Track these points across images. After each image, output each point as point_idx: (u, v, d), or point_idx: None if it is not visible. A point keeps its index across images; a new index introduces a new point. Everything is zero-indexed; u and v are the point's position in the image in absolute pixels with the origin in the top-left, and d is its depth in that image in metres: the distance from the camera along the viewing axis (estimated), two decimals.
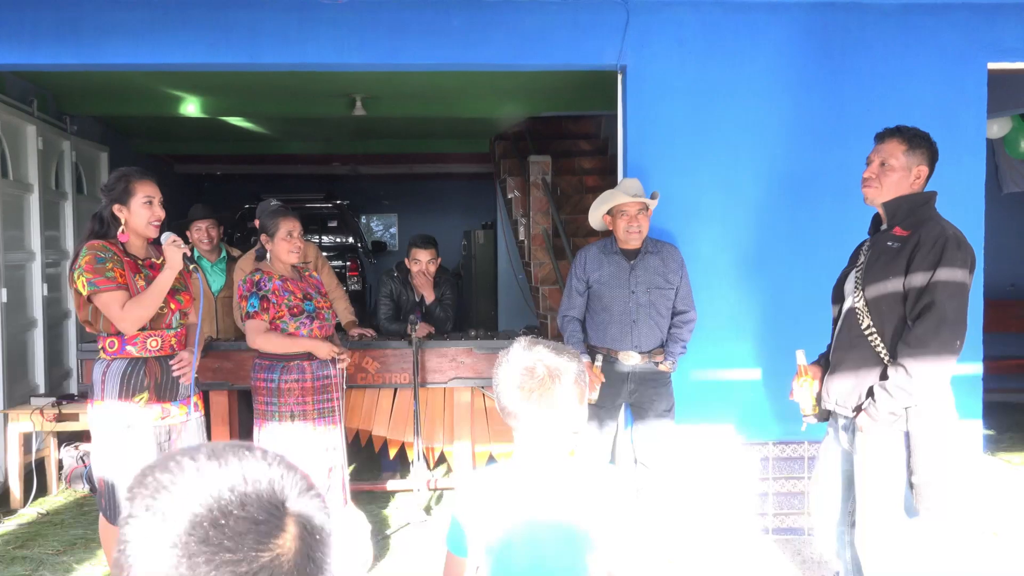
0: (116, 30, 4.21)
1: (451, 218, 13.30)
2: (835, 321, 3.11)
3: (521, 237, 7.96)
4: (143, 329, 3.33)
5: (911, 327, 2.75)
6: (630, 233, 3.91)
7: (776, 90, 4.37)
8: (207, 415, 4.86)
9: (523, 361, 1.77)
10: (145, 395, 3.33)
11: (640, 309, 3.91)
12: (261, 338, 3.85)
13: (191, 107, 7.16)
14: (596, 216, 4.04)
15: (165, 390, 3.39)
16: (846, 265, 3.13)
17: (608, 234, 4.09)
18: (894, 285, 2.81)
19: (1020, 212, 7.70)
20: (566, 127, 8.95)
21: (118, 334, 3.33)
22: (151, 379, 3.34)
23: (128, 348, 3.34)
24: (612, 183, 4.66)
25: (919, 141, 2.97)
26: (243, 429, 4.80)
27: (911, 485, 2.75)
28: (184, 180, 11.85)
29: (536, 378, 1.74)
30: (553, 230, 7.11)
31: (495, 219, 10.47)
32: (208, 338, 4.88)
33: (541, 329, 6.70)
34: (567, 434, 1.81)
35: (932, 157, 2.97)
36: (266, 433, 3.88)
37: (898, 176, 2.95)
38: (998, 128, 6.31)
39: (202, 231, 5.28)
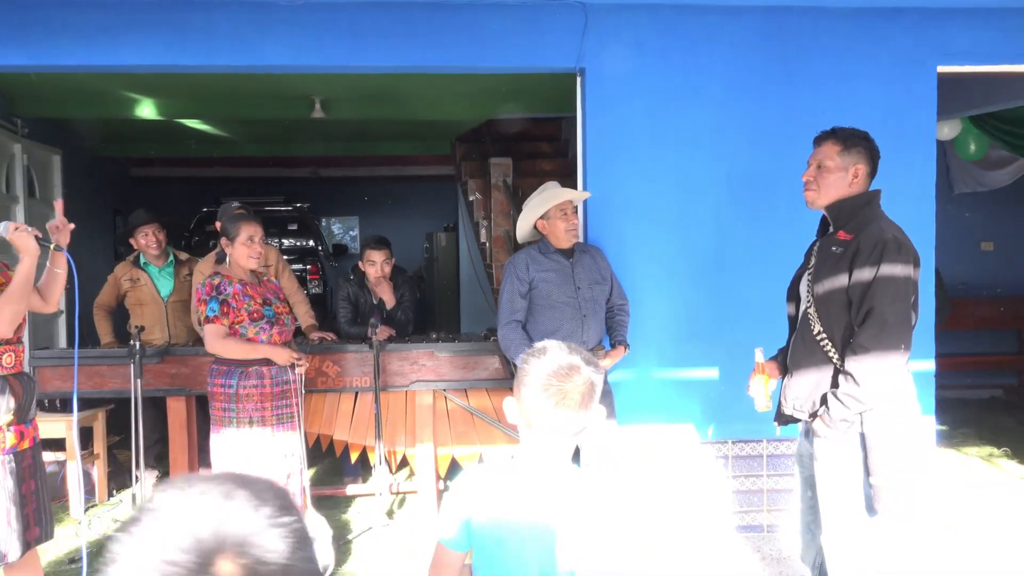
0: (68, 31, 4.14)
1: (413, 220, 13.25)
2: (792, 319, 3.14)
3: (483, 239, 7.96)
4: None
5: (856, 334, 2.75)
6: (570, 232, 3.94)
7: (733, 92, 4.42)
8: (163, 420, 4.80)
9: (561, 364, 1.76)
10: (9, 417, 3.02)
11: (587, 304, 3.94)
12: (220, 343, 3.81)
13: (147, 109, 7.06)
14: (531, 220, 3.96)
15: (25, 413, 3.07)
16: (801, 264, 3.15)
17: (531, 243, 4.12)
18: (839, 291, 2.82)
19: (971, 212, 7.87)
20: (527, 129, 8.97)
21: None
22: (15, 400, 3.02)
23: None
24: (573, 185, 4.68)
25: (855, 140, 2.96)
26: (201, 435, 4.75)
27: (870, 486, 2.77)
28: (141, 183, 11.68)
29: (575, 384, 1.74)
30: (514, 232, 7.11)
31: (457, 221, 10.45)
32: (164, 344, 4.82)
33: None
34: (583, 436, 1.83)
35: (871, 155, 2.95)
36: (223, 439, 3.83)
37: (835, 177, 2.94)
38: (948, 130, 6.45)
39: (148, 236, 5.20)
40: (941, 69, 4.46)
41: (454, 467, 4.79)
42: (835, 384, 2.80)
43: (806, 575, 3.23)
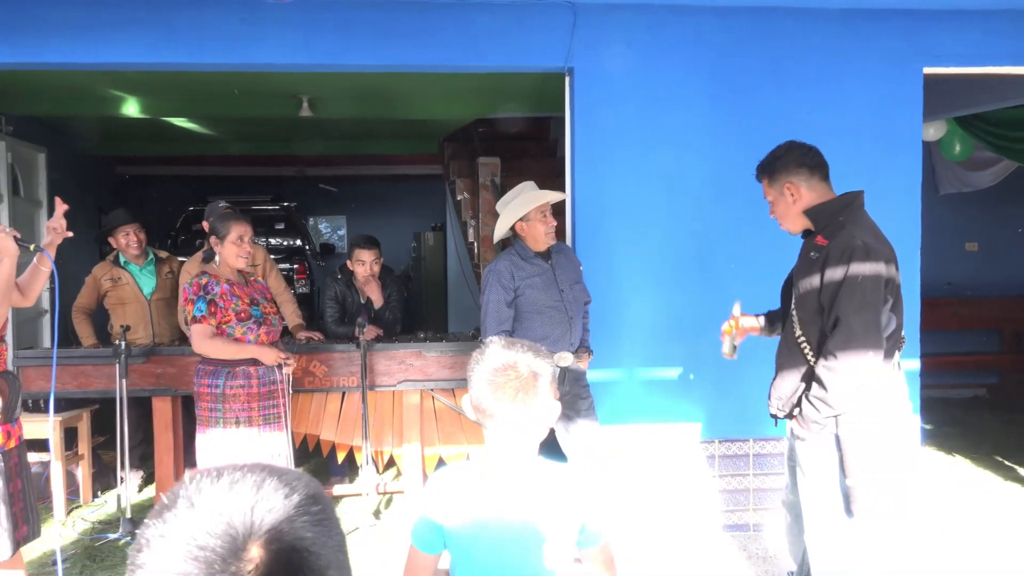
0: (55, 28, 4.11)
1: (400, 220, 13.23)
2: (784, 314, 3.17)
3: (471, 239, 7.95)
4: None
5: (827, 340, 2.77)
6: (548, 234, 3.88)
7: (722, 92, 4.43)
8: (148, 420, 4.78)
9: (504, 360, 1.81)
10: None
11: (572, 306, 3.91)
12: (207, 343, 3.79)
13: (133, 107, 7.01)
14: (510, 222, 3.89)
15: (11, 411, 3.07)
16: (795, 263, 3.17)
17: (503, 246, 4.07)
18: (813, 296, 2.84)
19: (956, 213, 7.92)
20: (516, 129, 8.96)
21: None
22: (2, 399, 3.02)
23: None
24: (561, 185, 4.69)
25: (770, 164, 3.00)
26: (186, 435, 4.72)
27: (846, 487, 2.80)
28: (126, 182, 11.60)
29: (520, 377, 1.78)
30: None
31: (445, 221, 10.44)
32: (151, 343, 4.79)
33: None
34: (543, 431, 1.86)
35: (798, 163, 2.94)
36: (209, 439, 3.82)
37: (780, 207, 3.00)
38: (934, 131, 6.50)
39: (129, 235, 5.17)
40: (927, 70, 4.48)
41: (441, 467, 4.78)
42: (811, 386, 2.83)
43: (792, 571, 3.26)
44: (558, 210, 4.21)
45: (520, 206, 3.85)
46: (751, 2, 4.35)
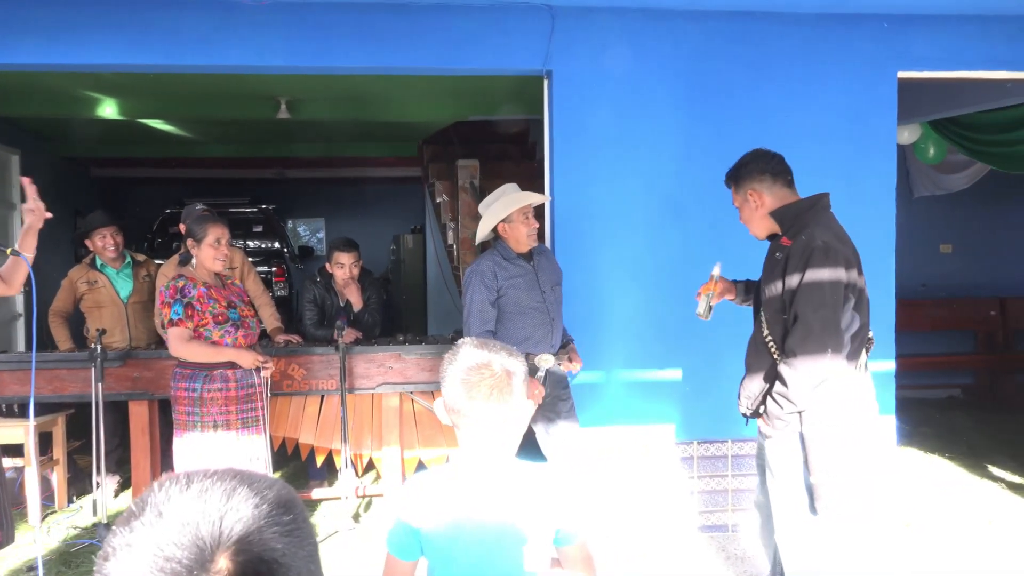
0: (28, 28, 4.07)
1: (379, 222, 13.20)
2: (754, 314, 3.22)
3: (450, 241, 7.95)
4: None
5: (788, 337, 2.84)
6: (531, 236, 3.89)
7: (699, 95, 4.46)
8: (124, 424, 4.73)
9: (477, 359, 1.80)
10: None
11: (553, 307, 3.92)
12: (184, 347, 3.77)
13: (108, 109, 6.96)
14: (493, 223, 3.89)
15: None
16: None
17: (483, 248, 4.08)
18: (777, 297, 2.91)
19: (930, 215, 8.02)
20: (495, 131, 8.97)
21: None
22: None
23: None
24: (540, 187, 4.70)
25: (736, 171, 3.12)
26: (163, 440, 4.69)
27: (810, 485, 2.85)
28: (102, 184, 11.50)
29: (494, 376, 1.77)
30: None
31: (424, 223, 10.43)
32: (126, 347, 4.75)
33: None
34: (518, 431, 1.85)
35: (761, 170, 3.04)
36: (186, 443, 3.79)
37: (746, 212, 3.11)
38: (908, 135, 6.57)
39: (106, 238, 5.13)
40: (901, 75, 4.53)
41: (421, 470, 4.78)
42: (775, 384, 2.90)
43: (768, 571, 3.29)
44: (538, 212, 4.22)
45: (503, 208, 3.85)
46: (727, 6, 4.38)
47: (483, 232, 3.95)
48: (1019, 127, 5.71)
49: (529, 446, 3.98)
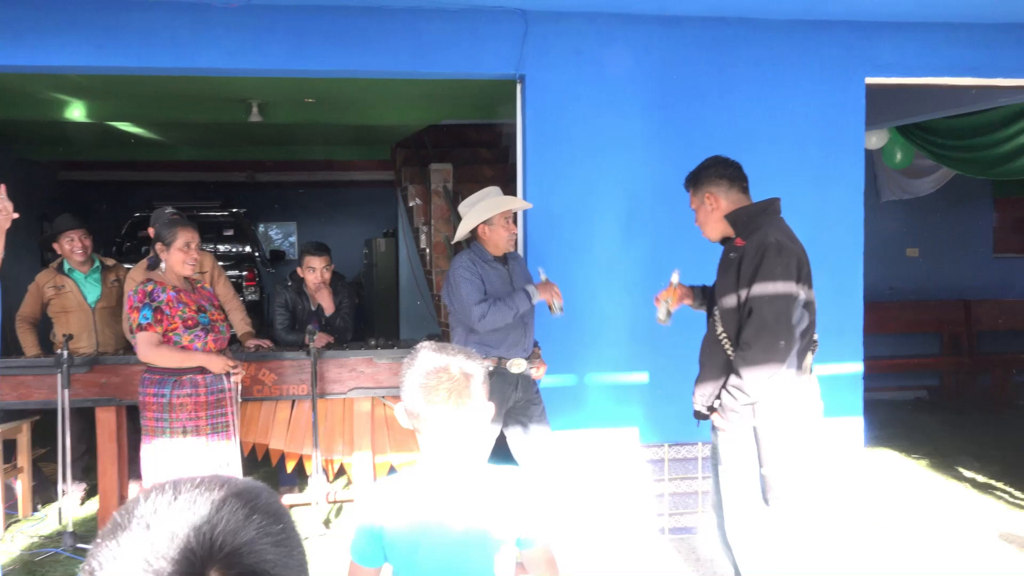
0: None
1: (352, 226, 13.14)
2: (708, 315, 3.35)
3: (423, 245, 7.94)
4: None
5: (742, 330, 2.98)
6: (509, 241, 3.92)
7: (670, 99, 4.48)
8: (91, 431, 4.67)
9: (435, 363, 1.80)
10: None
11: (528, 312, 3.94)
12: (153, 352, 3.73)
13: (77, 112, 6.88)
14: (475, 223, 3.88)
15: None
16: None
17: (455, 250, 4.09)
18: (731, 294, 3.04)
19: (898, 219, 8.13)
20: (468, 135, 8.98)
21: None
22: None
23: None
24: (514, 191, 4.70)
25: (695, 176, 3.26)
26: (131, 446, 4.63)
27: (762, 477, 2.99)
28: (70, 187, 11.35)
29: (452, 379, 1.77)
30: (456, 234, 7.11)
31: (396, 227, 10.40)
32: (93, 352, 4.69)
33: (444, 338, 6.68)
34: (478, 434, 1.84)
35: (719, 176, 3.19)
36: (155, 450, 3.75)
37: (701, 215, 3.26)
38: (876, 140, 6.66)
39: (74, 241, 5.06)
40: (869, 80, 4.59)
41: (392, 475, 4.75)
42: (730, 378, 3.03)
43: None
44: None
45: (486, 209, 3.87)
46: (698, 12, 4.42)
47: (464, 230, 3.95)
48: (984, 133, 5.81)
49: (502, 450, 3.98)
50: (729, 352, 3.04)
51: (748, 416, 2.98)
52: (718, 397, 3.06)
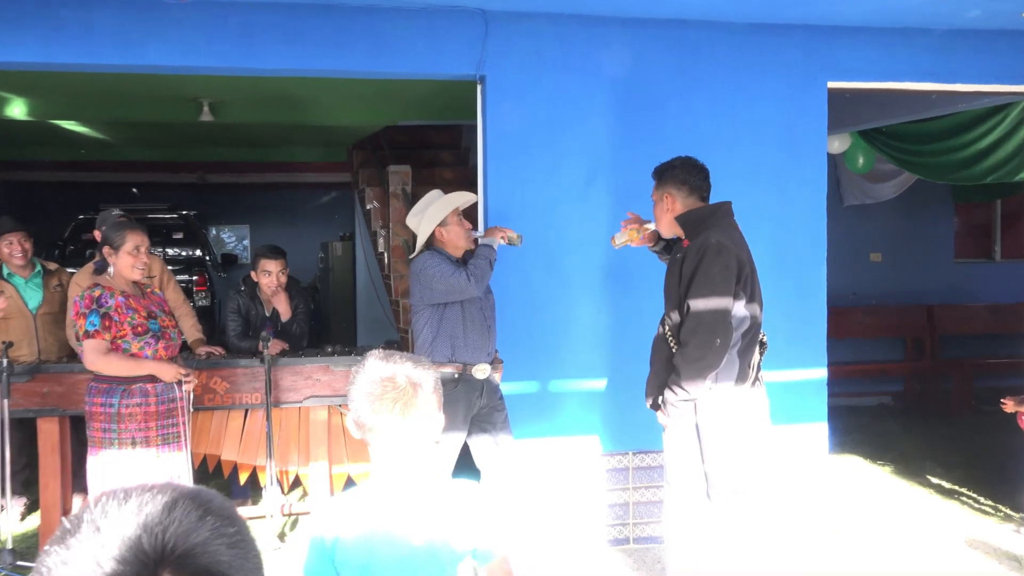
0: None
1: (307, 229, 12.95)
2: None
3: (381, 249, 7.81)
4: None
5: (680, 329, 3.11)
6: (468, 236, 3.91)
7: (632, 101, 4.43)
8: (31, 443, 4.48)
9: (381, 372, 1.74)
10: None
11: (490, 313, 3.91)
12: (101, 359, 3.59)
13: (18, 109, 6.64)
14: (432, 227, 3.83)
15: None
16: None
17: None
18: (675, 293, 3.17)
19: (860, 224, 8.14)
20: (427, 136, 8.86)
21: None
22: None
23: None
24: (475, 193, 4.60)
25: (660, 172, 3.38)
26: (75, 459, 4.43)
27: (704, 473, 3.10)
28: (8, 188, 11.01)
29: (398, 388, 1.72)
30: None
31: (353, 230, 10.25)
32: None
33: (403, 344, 6.56)
34: (429, 444, 1.79)
35: (682, 179, 3.30)
36: (102, 462, 3.62)
37: (658, 210, 3.39)
38: (839, 144, 6.69)
39: (13, 244, 4.86)
40: (831, 85, 4.59)
41: (350, 486, 4.63)
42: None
43: None
44: (469, 216, 4.16)
45: (438, 211, 3.82)
46: (660, 14, 4.37)
47: (424, 235, 3.89)
48: (944, 138, 5.86)
49: (464, 457, 3.89)
50: (674, 350, 3.15)
51: (690, 413, 3.08)
52: (662, 394, 3.16)
